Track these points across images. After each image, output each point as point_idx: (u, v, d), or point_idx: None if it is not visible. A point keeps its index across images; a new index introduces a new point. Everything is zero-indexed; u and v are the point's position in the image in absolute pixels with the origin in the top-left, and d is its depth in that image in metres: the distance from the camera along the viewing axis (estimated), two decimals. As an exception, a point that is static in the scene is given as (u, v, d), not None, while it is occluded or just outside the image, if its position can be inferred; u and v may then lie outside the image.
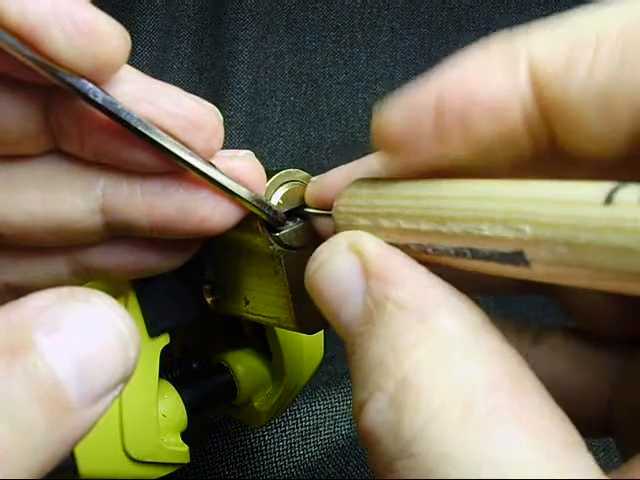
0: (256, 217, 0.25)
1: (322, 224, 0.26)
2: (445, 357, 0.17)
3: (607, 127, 0.17)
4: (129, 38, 0.22)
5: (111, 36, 0.21)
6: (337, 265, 0.20)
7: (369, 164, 0.23)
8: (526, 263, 0.17)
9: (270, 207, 0.25)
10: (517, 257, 0.17)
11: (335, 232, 0.22)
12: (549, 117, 0.18)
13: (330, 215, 0.23)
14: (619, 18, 0.17)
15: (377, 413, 0.17)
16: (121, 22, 0.21)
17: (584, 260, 0.16)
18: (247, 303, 0.29)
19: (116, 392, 0.18)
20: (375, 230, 0.21)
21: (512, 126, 0.18)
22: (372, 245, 0.20)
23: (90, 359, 0.17)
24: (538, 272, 0.17)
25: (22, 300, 0.17)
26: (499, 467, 0.15)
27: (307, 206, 0.26)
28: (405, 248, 0.20)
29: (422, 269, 0.19)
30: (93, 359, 0.17)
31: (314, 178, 0.26)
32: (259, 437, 0.47)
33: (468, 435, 0.16)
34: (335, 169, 0.25)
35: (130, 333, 0.18)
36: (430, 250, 0.19)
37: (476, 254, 0.18)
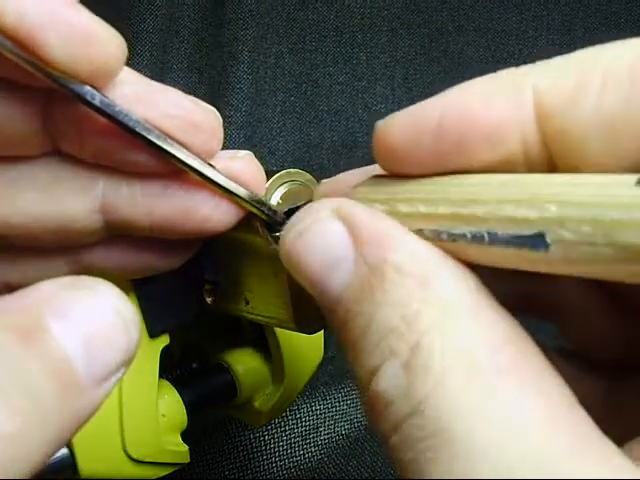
0: (256, 217, 0.25)
1: None
2: (450, 322, 0.17)
3: (612, 159, 0.17)
4: (125, 44, 0.22)
5: (107, 42, 0.21)
6: (322, 230, 0.20)
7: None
8: (546, 246, 0.17)
9: (270, 207, 0.25)
10: (537, 240, 0.17)
11: None
12: (551, 146, 0.18)
13: None
14: (627, 54, 0.17)
15: (391, 378, 0.17)
16: (121, 22, 0.22)
17: (609, 238, 0.16)
18: (247, 303, 0.29)
19: (119, 374, 0.18)
20: (390, 215, 0.20)
21: (510, 152, 0.19)
22: (359, 210, 0.20)
23: (97, 341, 0.18)
24: (556, 258, 0.17)
25: (30, 288, 0.18)
26: (504, 424, 0.16)
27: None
28: (418, 233, 0.19)
29: (412, 234, 0.19)
30: (100, 341, 0.18)
31: (325, 180, 0.26)
32: (259, 437, 0.47)
33: (474, 394, 0.16)
34: (349, 171, 0.25)
35: (132, 317, 0.19)
36: (445, 236, 0.19)
37: (494, 238, 0.18)
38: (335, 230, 0.20)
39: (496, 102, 0.18)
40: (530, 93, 0.18)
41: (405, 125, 0.20)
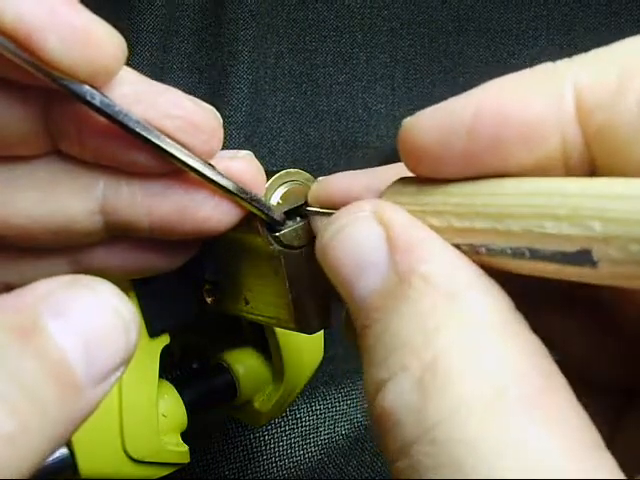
0: (256, 217, 0.25)
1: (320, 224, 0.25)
2: (475, 342, 0.16)
3: None
4: (125, 45, 0.22)
5: (107, 43, 0.21)
6: (360, 232, 0.19)
7: (384, 174, 0.23)
8: (593, 263, 0.16)
9: (270, 207, 0.25)
10: (583, 257, 0.16)
11: None
12: (593, 147, 0.17)
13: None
14: None
15: (400, 395, 0.16)
16: (121, 22, 0.22)
17: None
18: (247, 303, 0.29)
19: (118, 373, 0.18)
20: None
21: (548, 154, 0.18)
22: (399, 216, 0.19)
23: (96, 341, 0.18)
24: (604, 273, 0.16)
25: (28, 287, 0.18)
26: (525, 461, 0.15)
27: (308, 205, 0.26)
28: (455, 246, 0.19)
29: (451, 247, 0.18)
30: (98, 341, 0.18)
31: (320, 178, 0.26)
32: (259, 437, 0.47)
33: (495, 427, 0.15)
34: (346, 172, 0.25)
35: (131, 316, 0.18)
36: (483, 250, 0.18)
37: (536, 254, 0.17)
38: (373, 233, 0.19)
39: (534, 99, 0.17)
40: (570, 89, 0.17)
41: (435, 123, 0.19)
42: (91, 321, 0.18)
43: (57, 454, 0.30)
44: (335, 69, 0.65)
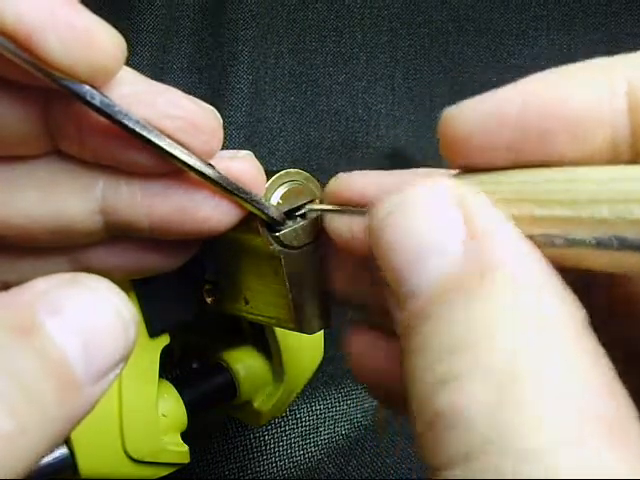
0: (256, 217, 0.25)
1: (338, 222, 0.24)
2: (559, 354, 0.15)
3: None
4: (125, 44, 0.22)
5: (107, 43, 0.21)
6: (433, 209, 0.17)
7: (410, 176, 0.22)
8: None
9: (270, 207, 0.25)
10: None
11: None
12: None
13: (362, 212, 0.21)
14: None
15: (474, 394, 0.15)
16: (120, 22, 0.22)
17: None
18: (247, 303, 0.29)
19: (117, 370, 0.18)
20: None
21: (596, 149, 0.17)
22: (481, 201, 0.17)
23: (94, 338, 0.17)
24: None
25: (26, 285, 0.17)
26: None
27: (306, 205, 0.26)
28: (529, 239, 0.17)
29: (529, 242, 0.17)
30: (97, 338, 0.17)
31: (339, 174, 0.25)
32: (259, 437, 0.47)
33: (574, 456, 0.14)
34: (368, 171, 0.24)
35: (129, 314, 0.18)
36: (560, 241, 0.16)
37: (625, 243, 0.15)
38: (450, 213, 0.17)
39: (586, 92, 0.17)
40: (623, 85, 0.16)
41: (481, 114, 0.18)
42: (89, 319, 0.17)
43: (57, 454, 0.30)
44: (335, 69, 0.65)
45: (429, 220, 0.17)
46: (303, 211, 0.27)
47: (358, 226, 0.23)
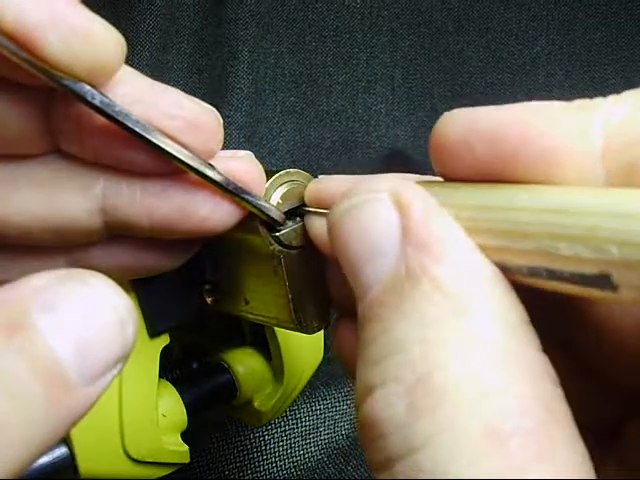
0: (256, 217, 0.25)
1: (319, 224, 0.25)
2: (476, 363, 0.15)
3: None
4: (125, 43, 0.22)
5: (107, 42, 0.21)
6: (372, 213, 0.18)
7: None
8: (613, 288, 0.15)
9: (270, 207, 0.25)
10: (602, 281, 0.15)
11: None
12: (613, 182, 0.17)
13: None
14: None
15: (388, 406, 0.15)
16: (121, 22, 0.22)
17: None
18: (247, 303, 0.29)
19: (115, 371, 0.18)
20: None
21: (565, 180, 0.17)
22: (420, 204, 0.17)
23: (89, 338, 0.17)
24: (627, 298, 0.15)
25: (20, 281, 0.17)
26: None
27: (306, 205, 0.26)
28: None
29: (470, 244, 0.17)
30: (92, 338, 0.17)
31: (319, 176, 0.26)
32: (259, 437, 0.47)
33: (490, 462, 0.14)
34: (344, 176, 0.24)
35: (127, 311, 0.18)
36: (498, 267, 0.17)
37: (553, 275, 0.16)
38: (387, 218, 0.17)
39: (562, 126, 0.17)
40: (600, 125, 0.17)
41: (462, 122, 0.18)
42: (84, 317, 0.17)
43: (57, 454, 0.30)
44: (335, 69, 0.65)
45: (369, 224, 0.18)
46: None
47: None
